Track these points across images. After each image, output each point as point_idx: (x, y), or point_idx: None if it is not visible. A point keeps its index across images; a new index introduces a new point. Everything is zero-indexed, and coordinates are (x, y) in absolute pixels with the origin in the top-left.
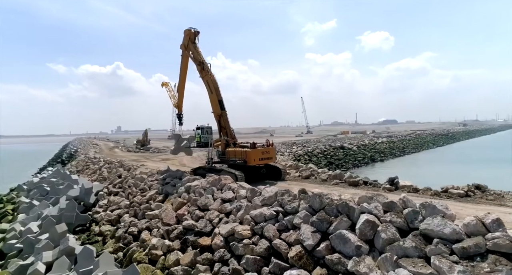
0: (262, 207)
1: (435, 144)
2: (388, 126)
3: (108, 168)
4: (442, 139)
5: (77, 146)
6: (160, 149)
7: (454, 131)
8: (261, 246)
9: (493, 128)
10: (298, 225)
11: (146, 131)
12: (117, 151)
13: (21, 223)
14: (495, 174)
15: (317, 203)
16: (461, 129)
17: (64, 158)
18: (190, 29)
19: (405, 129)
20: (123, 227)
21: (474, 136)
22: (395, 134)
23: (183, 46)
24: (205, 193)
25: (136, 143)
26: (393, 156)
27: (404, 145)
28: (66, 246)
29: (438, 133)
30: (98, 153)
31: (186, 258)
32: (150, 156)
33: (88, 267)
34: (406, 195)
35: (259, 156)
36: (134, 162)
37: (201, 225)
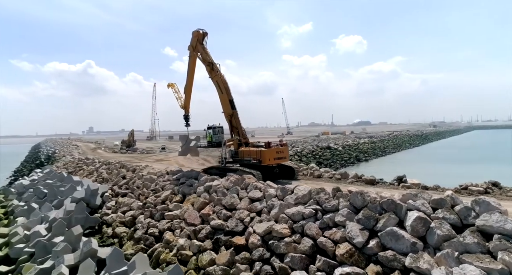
0: (296, 206)
1: (412, 144)
2: (364, 127)
3: (107, 169)
4: (417, 139)
5: (53, 147)
6: (146, 149)
7: (427, 132)
8: (305, 244)
9: (460, 130)
10: (341, 223)
11: (132, 132)
12: (101, 152)
13: (23, 226)
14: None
15: (359, 200)
16: (432, 130)
17: (43, 159)
18: (198, 30)
19: (379, 130)
20: (142, 228)
21: (445, 137)
22: (375, 135)
23: (191, 47)
24: (229, 192)
25: (121, 144)
26: (375, 155)
27: (384, 145)
28: (89, 248)
29: (413, 134)
30: (82, 154)
31: (222, 257)
32: (141, 157)
33: (119, 269)
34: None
35: (273, 156)
36: (131, 163)
37: (231, 225)
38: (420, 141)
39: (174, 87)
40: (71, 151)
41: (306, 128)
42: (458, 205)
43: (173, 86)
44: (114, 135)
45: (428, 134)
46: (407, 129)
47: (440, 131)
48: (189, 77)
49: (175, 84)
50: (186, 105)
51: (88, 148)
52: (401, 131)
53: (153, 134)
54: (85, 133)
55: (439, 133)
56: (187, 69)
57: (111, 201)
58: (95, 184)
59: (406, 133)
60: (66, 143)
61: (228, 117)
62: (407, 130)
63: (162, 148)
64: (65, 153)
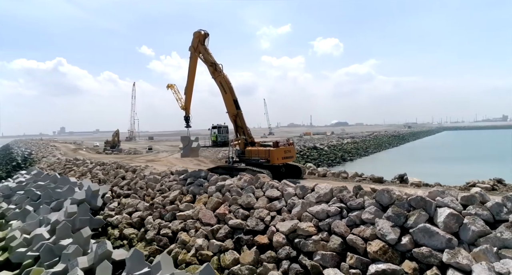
0: (318, 204)
1: (391, 144)
2: (343, 128)
3: (102, 170)
4: (395, 140)
5: (28, 148)
6: (131, 150)
7: (404, 133)
8: (334, 242)
9: (432, 130)
10: (369, 220)
11: (117, 132)
12: (83, 153)
13: (21, 230)
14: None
15: (386, 198)
16: (408, 131)
17: (20, 161)
18: (200, 31)
19: (357, 131)
20: (153, 229)
21: (419, 137)
22: (356, 136)
23: (192, 48)
24: (244, 191)
25: (105, 144)
26: (359, 155)
27: (366, 145)
28: (104, 250)
29: (391, 134)
30: (65, 155)
31: (247, 257)
32: (130, 157)
33: (140, 270)
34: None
35: (282, 155)
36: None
37: (252, 224)
38: (398, 141)
39: (173, 88)
40: (52, 152)
41: (286, 129)
42: (487, 201)
43: (173, 87)
44: (89, 136)
45: (405, 135)
46: (385, 130)
47: (415, 132)
48: (190, 78)
49: (174, 85)
50: (187, 107)
51: (68, 148)
52: (380, 132)
53: (132, 135)
54: (57, 134)
55: (414, 134)
56: (188, 70)
57: (113, 202)
58: (96, 185)
59: (384, 134)
60: (42, 144)
61: (232, 117)
62: (385, 131)
63: (149, 148)
64: (44, 154)
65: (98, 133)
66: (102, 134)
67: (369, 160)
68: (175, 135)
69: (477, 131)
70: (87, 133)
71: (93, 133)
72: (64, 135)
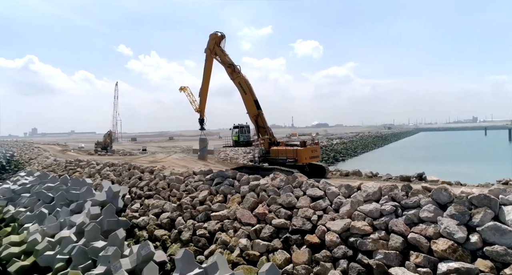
0: (367, 203)
1: (376, 144)
2: (325, 129)
3: (113, 171)
4: (379, 141)
5: (9, 149)
6: (126, 151)
7: (386, 134)
8: (395, 240)
9: (410, 132)
10: (428, 219)
11: (110, 133)
12: (74, 154)
13: (42, 233)
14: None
15: (445, 196)
16: (389, 132)
17: (4, 163)
18: (216, 33)
19: (337, 132)
20: (187, 230)
21: (400, 138)
22: (343, 136)
23: (208, 50)
24: (282, 191)
25: (96, 145)
26: (349, 155)
27: (354, 146)
28: (148, 251)
29: (375, 135)
30: (55, 156)
31: (300, 256)
32: (130, 159)
33: (192, 271)
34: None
35: (309, 155)
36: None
37: (298, 223)
38: (382, 141)
39: (186, 90)
40: (41, 153)
41: None
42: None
43: (186, 90)
44: (64, 137)
45: (387, 135)
46: (368, 131)
47: (396, 133)
48: (205, 80)
49: (187, 88)
50: (201, 109)
51: (54, 150)
52: (364, 133)
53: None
54: (28, 135)
55: (395, 134)
56: (203, 72)
57: (135, 203)
58: (116, 186)
59: (368, 135)
60: (23, 145)
61: (253, 117)
62: (369, 132)
63: (143, 149)
64: (31, 156)
65: (73, 134)
66: (79, 136)
67: (360, 160)
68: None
69: (451, 132)
70: (62, 134)
71: (69, 135)
72: (37, 136)
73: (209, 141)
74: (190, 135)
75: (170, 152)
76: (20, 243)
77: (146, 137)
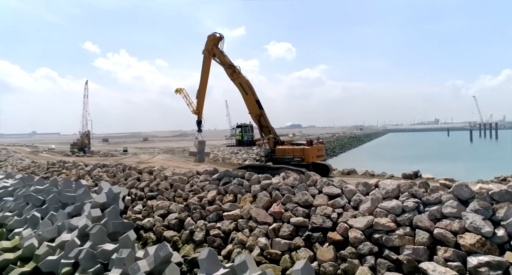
0: (387, 200)
1: (352, 145)
2: (300, 130)
3: (106, 172)
4: (355, 141)
5: None
6: (108, 152)
7: (359, 135)
8: (422, 236)
9: (380, 132)
10: (452, 214)
11: (88, 133)
12: (47, 156)
13: (38, 238)
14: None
15: (466, 192)
16: (361, 132)
17: None
18: (214, 34)
19: (311, 133)
20: (200, 231)
21: (372, 138)
22: (321, 137)
23: (206, 51)
24: (296, 190)
25: (72, 146)
26: (329, 155)
27: (332, 146)
28: (166, 252)
29: (350, 136)
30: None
31: (326, 254)
32: (115, 159)
33: (217, 271)
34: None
35: (315, 153)
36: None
37: (318, 221)
38: (357, 142)
39: (182, 92)
40: (11, 155)
41: None
42: None
43: (182, 92)
44: (24, 139)
45: (361, 136)
46: (343, 132)
47: (368, 133)
48: (203, 81)
49: (183, 90)
50: (200, 111)
51: (24, 151)
52: (339, 133)
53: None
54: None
55: (367, 135)
56: (201, 73)
57: (137, 204)
58: (117, 187)
59: (344, 135)
60: None
61: (256, 117)
62: (344, 132)
63: (124, 150)
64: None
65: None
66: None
67: (340, 160)
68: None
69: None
70: (22, 135)
71: (30, 136)
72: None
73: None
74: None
75: (152, 152)
76: (13, 249)
77: (118, 138)
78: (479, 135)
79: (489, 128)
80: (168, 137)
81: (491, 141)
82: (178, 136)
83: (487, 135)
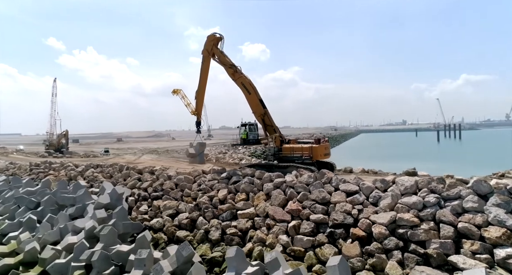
0: (406, 196)
1: (331, 145)
2: None
3: (101, 173)
4: (332, 141)
5: None
6: (88, 153)
7: (335, 135)
8: (447, 230)
9: (353, 133)
10: (473, 209)
11: (66, 133)
12: (20, 157)
13: (39, 241)
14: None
15: (485, 187)
16: (337, 133)
17: None
18: (214, 34)
19: (286, 133)
20: (215, 230)
21: (347, 139)
22: (300, 137)
23: (205, 51)
24: (312, 187)
25: (47, 147)
26: None
27: None
28: (189, 251)
29: (327, 136)
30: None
31: (352, 249)
32: (100, 159)
33: (245, 269)
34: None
35: (323, 152)
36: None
37: (339, 218)
38: (334, 142)
39: (180, 93)
40: None
41: (220, 132)
42: None
43: (179, 93)
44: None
45: (337, 136)
46: (320, 132)
47: (343, 134)
48: (202, 82)
49: (181, 90)
50: (199, 111)
51: None
52: (316, 134)
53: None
54: None
55: (342, 135)
56: (200, 74)
57: (142, 205)
58: (121, 188)
59: (321, 135)
60: None
61: (260, 116)
62: (320, 133)
63: (105, 150)
64: None
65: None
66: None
67: None
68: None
69: (387, 133)
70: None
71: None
72: None
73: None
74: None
75: (134, 153)
76: (10, 253)
77: (89, 139)
78: (444, 136)
79: (453, 129)
80: (143, 137)
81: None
82: (153, 137)
83: (451, 136)
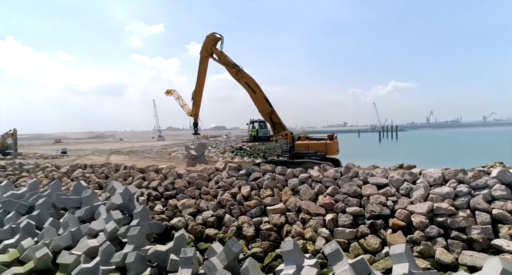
0: (436, 187)
1: None
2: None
3: (92, 173)
4: None
5: None
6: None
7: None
8: (484, 217)
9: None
10: (502, 196)
11: (14, 132)
12: None
13: (48, 246)
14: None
15: (510, 177)
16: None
17: None
18: (214, 34)
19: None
20: (249, 226)
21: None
22: None
23: (204, 51)
24: (341, 181)
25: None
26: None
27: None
28: (239, 248)
29: None
30: None
31: (398, 238)
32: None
33: (303, 262)
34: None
35: (336, 148)
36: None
37: (376, 209)
38: None
39: (174, 94)
40: None
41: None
42: None
43: (173, 93)
44: None
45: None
46: None
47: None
48: (200, 82)
49: (175, 91)
50: (196, 113)
51: None
52: None
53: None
54: None
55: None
56: (198, 74)
57: (156, 205)
58: (133, 187)
59: None
60: None
61: (267, 115)
62: None
63: (62, 151)
64: None
65: None
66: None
67: None
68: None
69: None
70: None
71: None
72: None
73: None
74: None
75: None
76: (12, 263)
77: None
78: (382, 136)
79: (390, 130)
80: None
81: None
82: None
83: (389, 136)
